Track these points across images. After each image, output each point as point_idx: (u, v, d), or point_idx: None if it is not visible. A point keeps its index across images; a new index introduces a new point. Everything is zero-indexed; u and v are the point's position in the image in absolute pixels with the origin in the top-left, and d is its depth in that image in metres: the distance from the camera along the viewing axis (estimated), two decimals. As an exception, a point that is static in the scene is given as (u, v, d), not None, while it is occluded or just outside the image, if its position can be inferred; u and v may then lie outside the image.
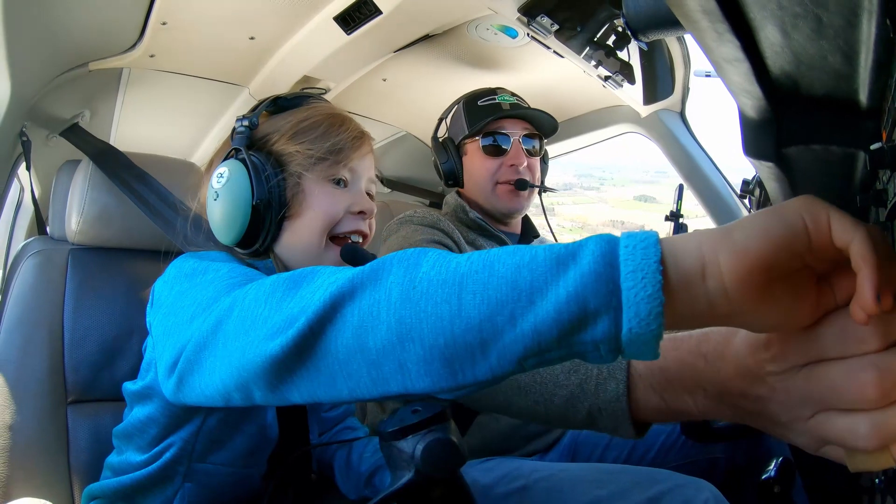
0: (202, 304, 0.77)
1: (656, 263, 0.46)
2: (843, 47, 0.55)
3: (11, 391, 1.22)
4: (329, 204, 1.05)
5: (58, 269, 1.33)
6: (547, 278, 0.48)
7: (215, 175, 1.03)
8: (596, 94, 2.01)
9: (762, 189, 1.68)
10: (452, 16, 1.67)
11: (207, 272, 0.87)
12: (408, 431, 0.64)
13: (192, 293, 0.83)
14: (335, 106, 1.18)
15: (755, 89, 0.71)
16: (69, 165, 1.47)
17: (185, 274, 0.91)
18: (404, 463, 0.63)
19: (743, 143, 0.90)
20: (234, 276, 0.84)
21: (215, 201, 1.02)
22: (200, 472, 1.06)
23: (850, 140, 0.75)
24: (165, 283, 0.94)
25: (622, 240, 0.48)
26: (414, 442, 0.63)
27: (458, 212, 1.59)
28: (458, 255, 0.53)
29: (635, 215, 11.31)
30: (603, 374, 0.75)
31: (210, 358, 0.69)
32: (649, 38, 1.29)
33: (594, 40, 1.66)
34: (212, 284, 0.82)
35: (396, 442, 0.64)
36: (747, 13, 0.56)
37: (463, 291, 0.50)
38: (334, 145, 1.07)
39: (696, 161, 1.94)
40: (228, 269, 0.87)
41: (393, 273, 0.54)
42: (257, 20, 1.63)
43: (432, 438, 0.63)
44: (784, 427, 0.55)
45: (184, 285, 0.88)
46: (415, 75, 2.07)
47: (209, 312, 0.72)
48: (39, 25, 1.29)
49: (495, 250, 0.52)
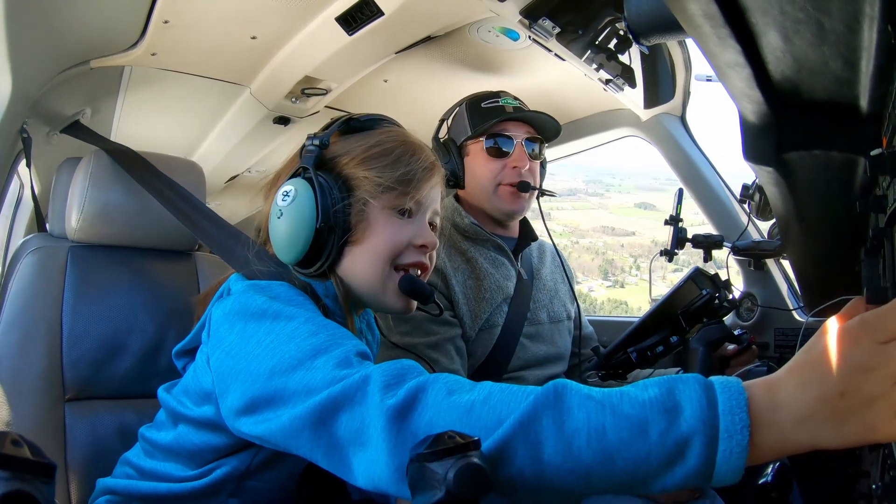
0: (284, 361, 0.81)
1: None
2: (844, 53, 0.55)
3: (9, 388, 1.22)
4: (392, 234, 1.04)
5: (57, 266, 1.33)
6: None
7: (281, 193, 1.01)
8: (597, 97, 2.01)
9: (762, 194, 1.69)
10: (454, 18, 1.67)
11: (279, 319, 0.88)
12: (442, 455, 0.66)
13: (263, 340, 0.85)
14: (408, 132, 1.15)
15: (756, 94, 0.71)
16: (70, 163, 1.47)
17: (252, 313, 0.90)
18: (436, 483, 0.66)
19: (743, 148, 0.90)
20: (313, 331, 0.85)
21: (279, 219, 1.01)
22: (248, 489, 1.05)
23: (851, 145, 0.75)
24: (227, 316, 0.93)
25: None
26: (447, 465, 0.66)
27: (453, 216, 1.60)
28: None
29: (631, 222, 11.34)
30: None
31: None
32: (651, 41, 1.29)
33: (596, 43, 1.66)
34: (292, 341, 0.84)
35: (429, 463, 0.67)
36: (749, 18, 0.56)
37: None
38: (404, 175, 1.05)
39: (696, 165, 1.95)
40: (305, 319, 0.88)
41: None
42: (259, 20, 1.63)
43: (466, 463, 0.66)
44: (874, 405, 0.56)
45: (251, 327, 0.88)
46: (416, 77, 2.07)
47: (300, 382, 0.79)
48: (42, 23, 1.29)
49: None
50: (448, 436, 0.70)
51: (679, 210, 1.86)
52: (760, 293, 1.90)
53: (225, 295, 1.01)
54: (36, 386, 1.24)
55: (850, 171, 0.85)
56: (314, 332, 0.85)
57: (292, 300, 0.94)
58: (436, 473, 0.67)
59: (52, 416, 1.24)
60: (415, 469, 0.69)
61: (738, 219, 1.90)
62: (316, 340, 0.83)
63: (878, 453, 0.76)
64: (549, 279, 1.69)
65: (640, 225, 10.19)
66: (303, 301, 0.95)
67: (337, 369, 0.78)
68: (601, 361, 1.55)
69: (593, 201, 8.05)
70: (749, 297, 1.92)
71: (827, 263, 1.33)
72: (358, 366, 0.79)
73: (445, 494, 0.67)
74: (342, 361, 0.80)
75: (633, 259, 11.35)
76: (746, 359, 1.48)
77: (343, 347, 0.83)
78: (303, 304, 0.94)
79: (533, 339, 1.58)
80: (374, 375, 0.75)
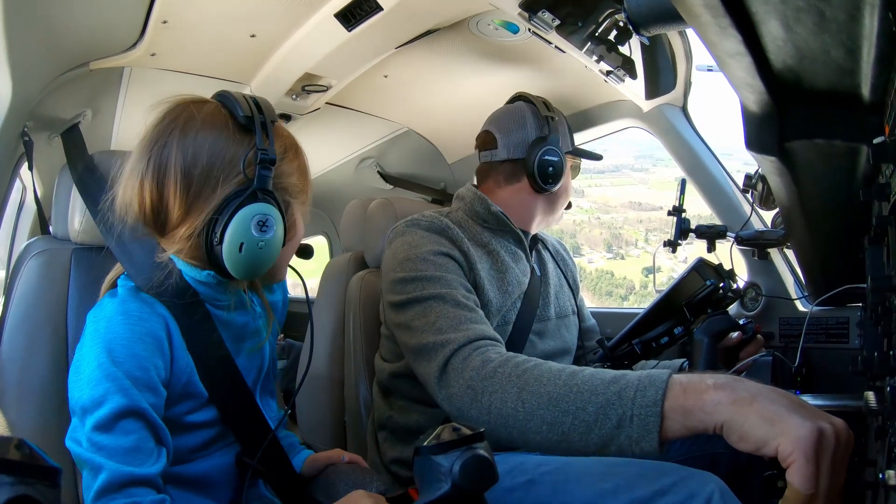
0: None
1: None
2: (845, 42, 0.55)
3: (14, 390, 1.22)
4: (303, 228, 1.11)
5: (61, 268, 1.33)
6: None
7: (256, 222, 0.95)
8: (598, 89, 2.01)
9: (765, 183, 1.68)
10: (453, 12, 1.67)
11: None
12: (447, 447, 0.67)
13: None
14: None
15: (758, 83, 0.71)
16: (71, 165, 1.47)
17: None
18: (442, 476, 0.68)
19: (745, 138, 0.90)
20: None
21: (259, 248, 0.97)
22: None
23: (853, 134, 0.75)
24: None
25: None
26: (453, 457, 0.67)
27: (475, 204, 1.55)
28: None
29: (664, 196, 11.25)
30: (644, 383, 0.90)
31: None
32: (651, 32, 1.28)
33: (595, 35, 1.66)
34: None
35: (435, 456, 0.67)
36: (749, 7, 0.56)
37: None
38: (306, 171, 1.11)
39: (699, 156, 1.94)
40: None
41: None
42: (258, 18, 1.63)
43: (471, 455, 0.67)
44: None
45: None
46: (416, 71, 2.07)
47: None
48: (41, 25, 1.29)
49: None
50: (453, 427, 0.71)
51: (682, 201, 1.85)
52: (764, 283, 1.90)
53: None
54: (42, 388, 1.24)
55: (853, 159, 0.84)
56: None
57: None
58: (441, 466, 0.68)
59: (58, 418, 1.25)
60: (421, 462, 0.70)
61: (742, 209, 1.89)
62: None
63: (883, 442, 0.76)
64: (554, 273, 1.69)
65: (672, 199, 10.23)
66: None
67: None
68: (606, 353, 1.55)
69: (635, 177, 7.99)
70: (753, 287, 1.92)
71: (830, 252, 1.33)
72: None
73: (451, 487, 0.67)
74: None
75: (644, 233, 11.23)
76: (752, 349, 1.48)
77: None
78: None
79: (541, 335, 1.56)
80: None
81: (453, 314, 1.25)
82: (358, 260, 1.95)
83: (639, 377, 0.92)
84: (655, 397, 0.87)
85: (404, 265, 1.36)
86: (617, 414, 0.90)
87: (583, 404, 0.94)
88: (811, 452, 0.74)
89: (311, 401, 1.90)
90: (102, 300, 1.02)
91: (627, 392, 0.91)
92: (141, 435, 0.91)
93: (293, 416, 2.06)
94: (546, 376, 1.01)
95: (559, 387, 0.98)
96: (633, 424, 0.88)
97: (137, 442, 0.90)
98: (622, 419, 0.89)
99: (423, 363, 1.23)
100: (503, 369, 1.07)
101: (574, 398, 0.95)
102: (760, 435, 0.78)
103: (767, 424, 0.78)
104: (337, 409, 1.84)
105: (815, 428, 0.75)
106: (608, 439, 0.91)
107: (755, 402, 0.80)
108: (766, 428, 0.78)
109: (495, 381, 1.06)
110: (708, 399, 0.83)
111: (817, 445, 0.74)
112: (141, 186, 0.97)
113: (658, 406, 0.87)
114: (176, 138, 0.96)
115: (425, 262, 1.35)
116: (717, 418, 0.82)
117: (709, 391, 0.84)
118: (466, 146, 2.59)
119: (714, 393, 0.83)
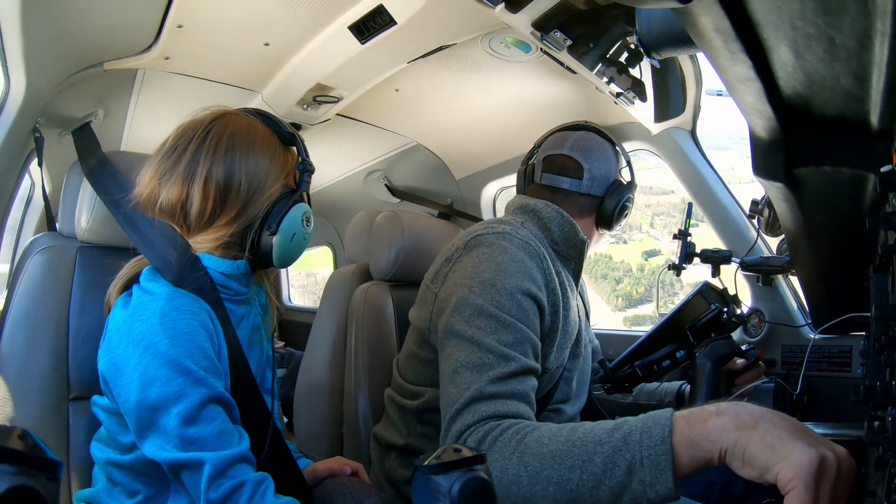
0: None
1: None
2: (855, 69, 0.55)
3: (15, 385, 1.22)
4: None
5: (66, 265, 1.34)
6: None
7: (304, 218, 1.17)
8: (607, 110, 2.01)
9: (771, 209, 1.68)
10: (466, 29, 1.68)
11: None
12: (447, 468, 0.67)
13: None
14: None
15: (767, 109, 0.71)
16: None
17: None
18: (441, 496, 0.67)
19: (753, 163, 0.90)
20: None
21: (304, 240, 1.20)
22: None
23: (861, 162, 0.75)
24: None
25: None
26: (453, 478, 0.67)
27: (563, 227, 1.43)
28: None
29: (676, 181, 11.21)
30: (647, 424, 0.87)
31: None
32: (662, 55, 1.29)
33: (607, 56, 1.67)
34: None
35: (434, 476, 0.67)
36: (760, 33, 0.56)
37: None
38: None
39: (706, 180, 1.94)
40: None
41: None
42: (273, 26, 1.65)
43: (471, 477, 0.67)
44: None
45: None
46: (427, 86, 2.08)
47: None
48: (56, 24, 1.31)
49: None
50: (454, 448, 0.71)
51: (688, 224, 1.85)
52: (768, 309, 1.89)
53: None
54: (41, 383, 1.24)
55: (860, 187, 0.84)
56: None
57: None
58: (440, 486, 0.67)
59: (56, 415, 1.25)
60: (420, 481, 0.70)
61: (748, 234, 1.89)
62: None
63: (883, 472, 0.75)
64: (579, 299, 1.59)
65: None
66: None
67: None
68: (607, 374, 1.54)
69: (652, 161, 7.87)
70: (756, 313, 1.91)
71: (835, 280, 1.33)
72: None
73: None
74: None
75: (650, 217, 11.06)
76: (753, 375, 1.47)
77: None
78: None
79: (574, 372, 1.48)
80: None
81: (496, 374, 1.13)
82: (362, 271, 1.95)
83: (640, 420, 0.89)
84: (663, 435, 0.84)
85: (487, 291, 1.22)
86: (626, 460, 0.86)
87: (589, 456, 0.90)
88: (811, 480, 0.72)
89: (309, 410, 1.89)
90: (139, 299, 1.04)
91: (633, 436, 0.87)
92: (223, 418, 1.00)
93: (290, 426, 2.05)
94: (546, 436, 0.96)
95: (561, 443, 0.94)
96: (645, 467, 0.84)
97: (222, 425, 0.99)
98: (632, 464, 0.85)
99: (444, 396, 1.16)
100: (504, 437, 1.01)
101: (579, 452, 0.91)
102: (763, 460, 0.76)
103: (769, 450, 0.76)
104: (335, 419, 1.83)
105: (817, 455, 0.73)
106: (620, 489, 0.87)
107: (758, 426, 0.78)
108: (769, 454, 0.76)
109: (494, 451, 0.99)
110: (711, 425, 0.81)
111: (818, 473, 0.72)
112: (200, 188, 1.09)
113: (667, 444, 0.83)
114: (238, 153, 1.12)
115: (511, 300, 1.21)
116: (721, 445, 0.79)
117: (711, 418, 0.81)
118: (474, 163, 2.60)
119: (717, 419, 0.81)
